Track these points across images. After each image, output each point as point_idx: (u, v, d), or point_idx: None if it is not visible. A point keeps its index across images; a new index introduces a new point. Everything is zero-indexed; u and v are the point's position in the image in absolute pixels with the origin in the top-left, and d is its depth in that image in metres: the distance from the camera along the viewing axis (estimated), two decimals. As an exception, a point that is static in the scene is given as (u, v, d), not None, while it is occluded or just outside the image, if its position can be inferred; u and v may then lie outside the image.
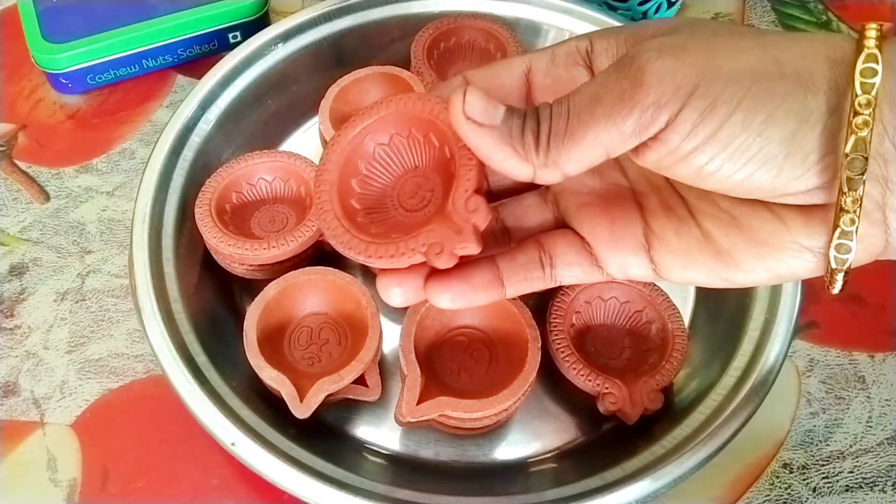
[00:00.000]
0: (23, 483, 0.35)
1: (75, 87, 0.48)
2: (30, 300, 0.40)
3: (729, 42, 0.21)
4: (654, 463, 0.31)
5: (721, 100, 0.20)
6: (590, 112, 0.20)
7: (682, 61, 0.20)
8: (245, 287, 0.40)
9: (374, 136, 0.25)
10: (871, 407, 0.38)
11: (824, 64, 0.20)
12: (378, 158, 0.26)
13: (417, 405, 0.31)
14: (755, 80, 0.20)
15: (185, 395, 0.32)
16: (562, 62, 0.25)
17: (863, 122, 0.19)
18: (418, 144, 0.25)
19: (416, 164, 0.26)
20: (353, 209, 0.25)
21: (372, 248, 0.23)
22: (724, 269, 0.23)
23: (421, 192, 0.25)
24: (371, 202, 0.26)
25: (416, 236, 0.23)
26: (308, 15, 0.45)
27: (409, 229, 0.24)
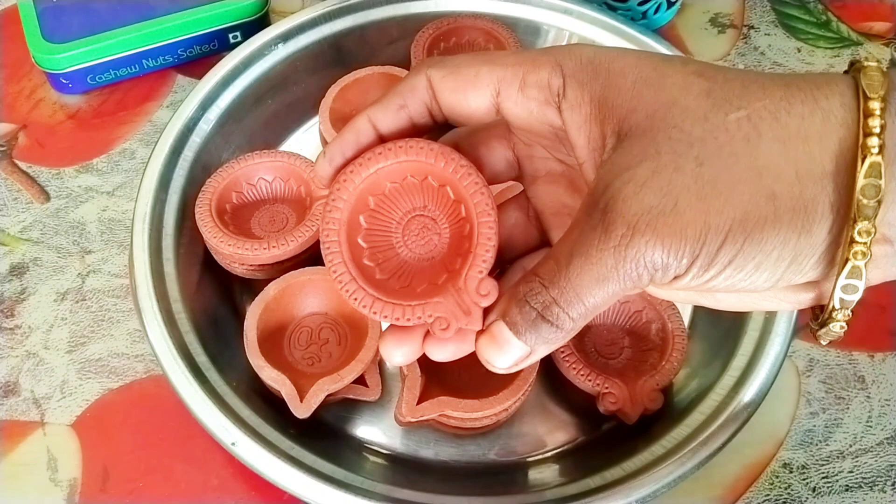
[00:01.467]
0: (23, 483, 0.35)
1: (75, 87, 0.48)
2: (30, 300, 0.40)
3: (719, 177, 0.20)
4: (654, 463, 0.31)
5: (716, 260, 0.20)
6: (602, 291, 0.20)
7: (677, 233, 0.19)
8: (245, 287, 0.40)
9: (388, 177, 0.25)
10: (870, 407, 0.38)
11: (826, 184, 0.19)
12: (388, 195, 0.26)
13: (417, 405, 0.31)
14: (748, 232, 0.19)
15: (185, 395, 0.32)
16: (533, 96, 0.23)
17: (861, 253, 0.19)
18: (432, 190, 0.25)
19: (425, 204, 0.26)
20: (360, 248, 0.25)
21: (378, 306, 0.24)
22: (704, 300, 0.24)
23: (428, 235, 0.25)
24: (376, 239, 0.26)
25: (424, 306, 0.23)
26: (308, 15, 0.45)
27: (414, 276, 0.24)
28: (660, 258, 0.19)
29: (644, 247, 0.19)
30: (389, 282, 0.24)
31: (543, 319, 0.21)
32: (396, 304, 0.24)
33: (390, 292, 0.24)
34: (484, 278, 0.23)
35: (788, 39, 0.54)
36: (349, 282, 0.24)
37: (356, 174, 0.25)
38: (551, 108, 0.23)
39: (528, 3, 0.47)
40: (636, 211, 0.19)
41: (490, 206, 0.24)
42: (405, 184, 0.25)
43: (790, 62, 0.52)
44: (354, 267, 0.24)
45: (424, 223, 0.26)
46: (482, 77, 0.24)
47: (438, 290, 0.23)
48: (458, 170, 0.24)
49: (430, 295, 0.24)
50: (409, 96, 0.25)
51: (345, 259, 0.24)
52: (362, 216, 0.25)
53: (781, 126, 0.20)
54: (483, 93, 0.24)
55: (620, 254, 0.20)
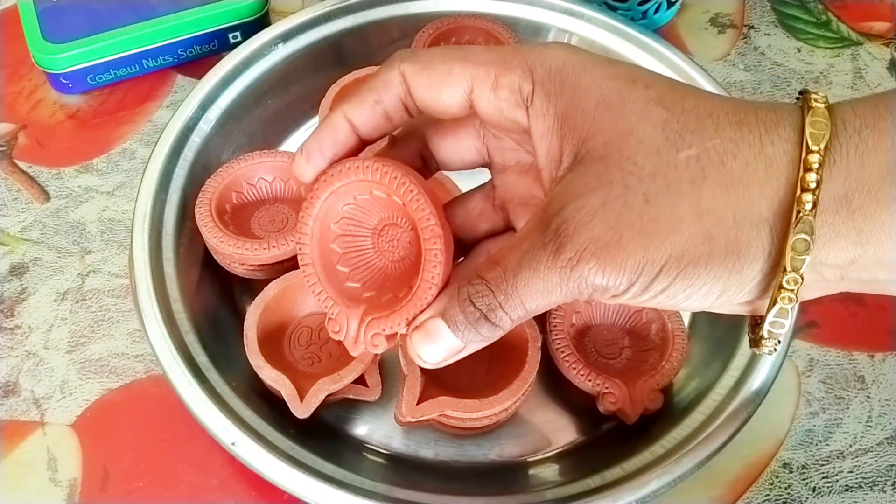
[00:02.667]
0: (23, 483, 0.35)
1: (75, 87, 0.48)
2: (30, 300, 0.40)
3: (663, 215, 0.21)
4: (654, 463, 0.31)
5: (652, 286, 0.22)
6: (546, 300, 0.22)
7: (618, 264, 0.21)
8: (245, 287, 0.40)
9: (338, 200, 0.26)
10: (870, 407, 0.38)
11: (761, 229, 0.21)
12: (349, 216, 0.27)
13: (417, 405, 0.31)
14: (681, 268, 0.21)
15: (185, 395, 0.32)
16: (504, 97, 0.24)
17: (788, 298, 0.21)
18: (381, 201, 0.26)
19: (384, 214, 0.27)
20: (341, 275, 0.27)
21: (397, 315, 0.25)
22: None
23: (399, 239, 0.27)
24: (355, 259, 0.27)
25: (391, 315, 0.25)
26: (308, 15, 0.45)
27: (400, 280, 0.26)
28: (601, 281, 0.21)
29: (588, 272, 0.21)
30: (378, 296, 0.26)
31: (486, 320, 0.23)
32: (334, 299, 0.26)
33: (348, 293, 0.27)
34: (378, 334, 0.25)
35: (788, 39, 0.54)
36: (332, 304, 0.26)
37: (306, 213, 0.26)
38: (521, 111, 0.24)
39: (528, 3, 0.47)
40: (584, 240, 0.21)
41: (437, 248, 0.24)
42: (358, 204, 0.27)
43: (790, 62, 0.52)
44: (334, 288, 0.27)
45: (392, 232, 0.27)
46: (455, 74, 0.24)
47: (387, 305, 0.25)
48: (392, 184, 0.25)
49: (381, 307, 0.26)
50: (384, 92, 0.25)
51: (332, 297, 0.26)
52: (334, 244, 0.27)
53: (727, 171, 0.21)
54: (457, 90, 0.24)
55: (566, 274, 0.21)
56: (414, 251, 0.26)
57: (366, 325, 0.25)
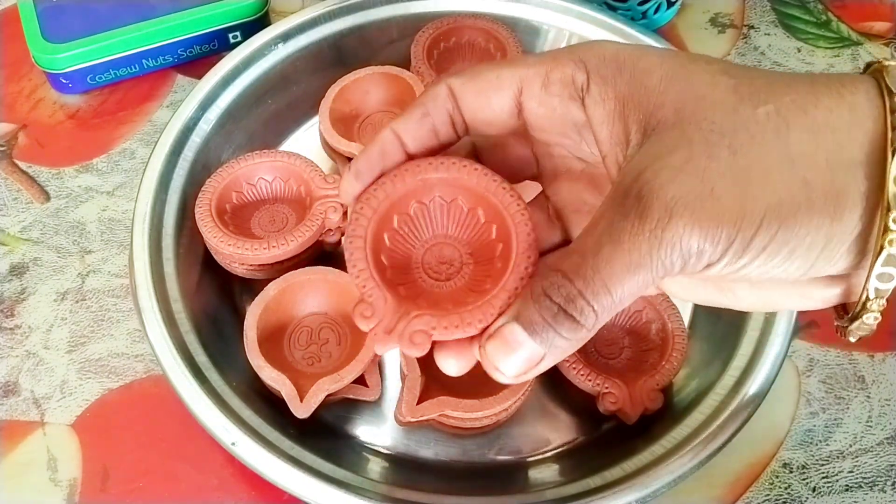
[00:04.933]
0: (23, 483, 0.35)
1: (75, 87, 0.48)
2: (30, 300, 0.40)
3: (753, 164, 0.20)
4: (654, 463, 0.31)
5: (751, 246, 0.20)
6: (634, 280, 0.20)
7: (714, 218, 0.19)
8: (245, 287, 0.40)
9: (416, 195, 0.24)
10: (870, 407, 0.38)
11: (856, 172, 0.20)
12: (413, 216, 0.25)
13: (417, 405, 0.31)
14: (783, 218, 0.19)
15: (185, 395, 0.32)
16: (556, 92, 0.23)
17: None
18: (459, 213, 0.25)
19: (447, 231, 0.25)
20: (383, 265, 0.24)
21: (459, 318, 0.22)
22: (723, 301, 0.24)
23: (448, 262, 0.25)
24: (398, 259, 0.25)
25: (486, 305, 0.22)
26: (308, 15, 0.45)
27: (438, 301, 0.24)
28: (696, 243, 0.19)
29: (682, 230, 0.19)
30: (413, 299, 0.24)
31: (566, 315, 0.20)
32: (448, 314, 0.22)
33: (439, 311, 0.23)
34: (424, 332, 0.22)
35: (788, 39, 0.54)
36: (362, 265, 0.23)
37: (384, 187, 0.24)
38: (575, 104, 0.23)
39: (528, 3, 0.47)
40: (674, 195, 0.19)
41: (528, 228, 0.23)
42: (432, 205, 0.25)
43: (790, 62, 0.52)
44: (372, 257, 0.23)
45: (444, 251, 0.25)
46: (504, 78, 0.24)
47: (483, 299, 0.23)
48: (491, 185, 0.24)
49: None
50: (431, 105, 0.24)
51: (365, 246, 0.24)
52: (387, 234, 0.24)
53: (810, 118, 0.20)
54: (506, 93, 0.24)
55: (656, 238, 0.19)
56: (466, 278, 0.24)
57: (412, 318, 0.22)
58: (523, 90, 0.24)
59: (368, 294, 0.23)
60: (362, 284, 0.23)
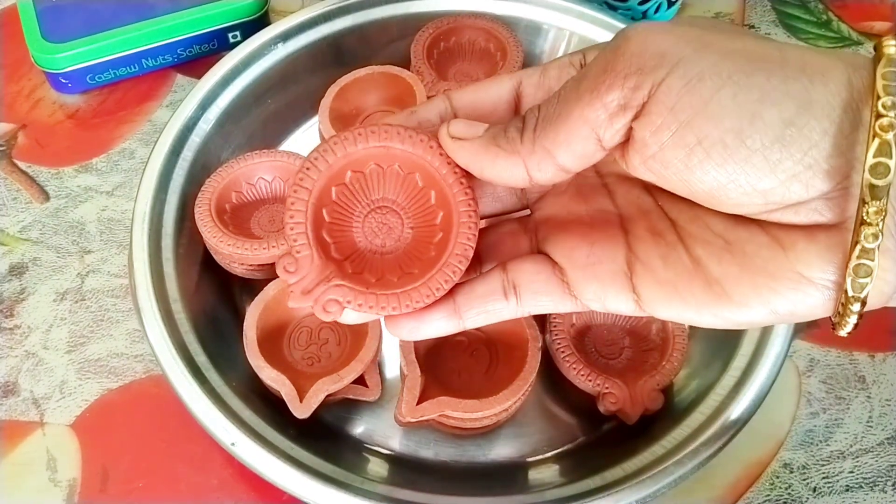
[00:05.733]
0: (23, 483, 0.35)
1: (75, 86, 0.48)
2: (29, 300, 0.40)
3: (727, 32, 0.19)
4: (654, 463, 0.31)
5: (710, 71, 0.18)
6: (575, 91, 0.20)
7: (669, 34, 0.18)
8: (245, 287, 0.39)
9: (353, 166, 0.24)
10: (871, 407, 0.38)
11: (838, 63, 0.18)
12: (350, 184, 0.24)
13: (417, 405, 0.31)
14: (751, 59, 0.18)
15: (185, 395, 0.32)
16: (554, 75, 0.24)
17: (888, 125, 0.17)
18: (397, 178, 0.24)
19: (385, 195, 0.25)
20: (327, 243, 0.24)
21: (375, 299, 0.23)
22: (714, 302, 0.21)
23: (388, 227, 0.25)
24: (340, 233, 0.24)
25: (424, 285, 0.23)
26: (308, 15, 0.45)
27: (383, 270, 0.24)
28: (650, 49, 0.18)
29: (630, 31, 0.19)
30: (358, 274, 0.24)
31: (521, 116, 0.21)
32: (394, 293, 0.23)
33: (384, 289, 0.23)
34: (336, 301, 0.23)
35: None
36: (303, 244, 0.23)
37: (321, 159, 0.24)
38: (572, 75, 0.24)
39: (528, 2, 0.47)
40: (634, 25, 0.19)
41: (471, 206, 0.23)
42: (370, 174, 0.24)
43: (790, 62, 0.52)
44: (314, 233, 0.23)
45: (384, 218, 0.25)
46: (502, 78, 0.25)
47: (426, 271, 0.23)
48: (427, 150, 0.23)
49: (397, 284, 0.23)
50: (423, 106, 0.25)
51: (307, 222, 0.23)
52: (325, 209, 0.24)
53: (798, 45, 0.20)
54: (504, 87, 0.24)
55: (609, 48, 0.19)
56: (404, 248, 0.24)
57: (331, 286, 0.23)
58: (522, 81, 0.25)
59: (297, 249, 0.23)
60: (294, 238, 0.23)
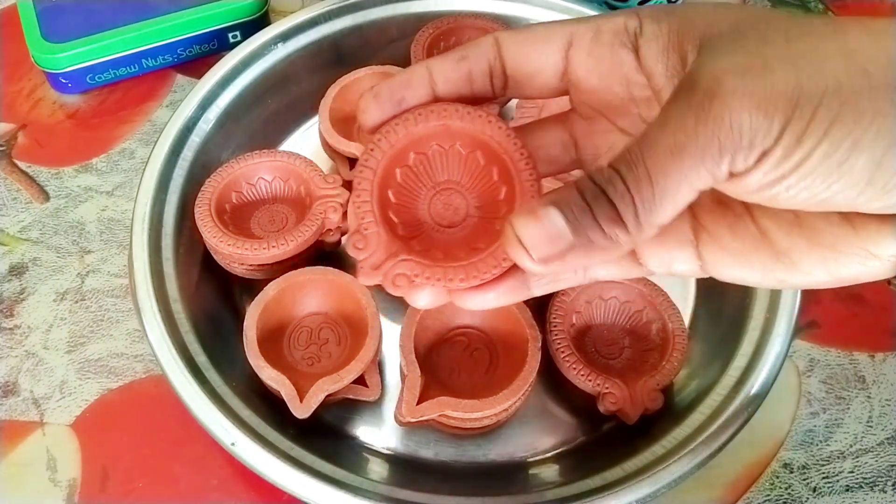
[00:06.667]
0: (22, 483, 0.35)
1: (75, 86, 0.48)
2: (29, 300, 0.40)
3: (809, 50, 0.18)
4: (654, 463, 0.31)
5: (809, 130, 0.18)
6: (677, 167, 0.18)
7: (767, 89, 0.18)
8: (245, 287, 0.39)
9: (415, 146, 0.24)
10: (871, 407, 0.38)
11: None
12: (414, 166, 0.25)
13: (417, 405, 0.31)
14: (843, 101, 0.18)
15: (185, 396, 0.32)
16: (607, 41, 0.23)
17: None
18: (459, 158, 0.25)
19: (450, 177, 0.25)
20: (388, 201, 0.24)
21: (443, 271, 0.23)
22: (780, 269, 0.21)
23: (455, 207, 0.25)
24: (405, 213, 0.25)
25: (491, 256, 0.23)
26: (308, 15, 0.45)
27: (450, 247, 0.24)
28: (748, 119, 0.18)
29: (731, 103, 0.18)
30: (427, 251, 0.24)
31: (605, 199, 0.19)
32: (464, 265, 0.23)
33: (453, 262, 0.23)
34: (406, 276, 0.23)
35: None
36: (371, 221, 0.23)
37: (383, 141, 0.24)
38: (625, 50, 0.23)
39: (528, 2, 0.47)
40: (723, 67, 0.18)
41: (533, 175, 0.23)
42: (432, 154, 0.25)
43: (790, 62, 0.52)
44: (380, 212, 0.24)
45: (450, 197, 0.25)
46: (554, 30, 0.23)
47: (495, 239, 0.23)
48: (487, 127, 0.23)
49: None
50: (472, 51, 0.24)
51: (373, 200, 0.24)
52: (391, 191, 0.24)
53: (866, 25, 0.19)
54: (555, 45, 0.23)
55: (703, 111, 0.18)
56: (471, 226, 0.25)
57: (399, 260, 0.23)
58: (573, 42, 0.23)
59: (365, 227, 0.23)
60: (362, 216, 0.23)
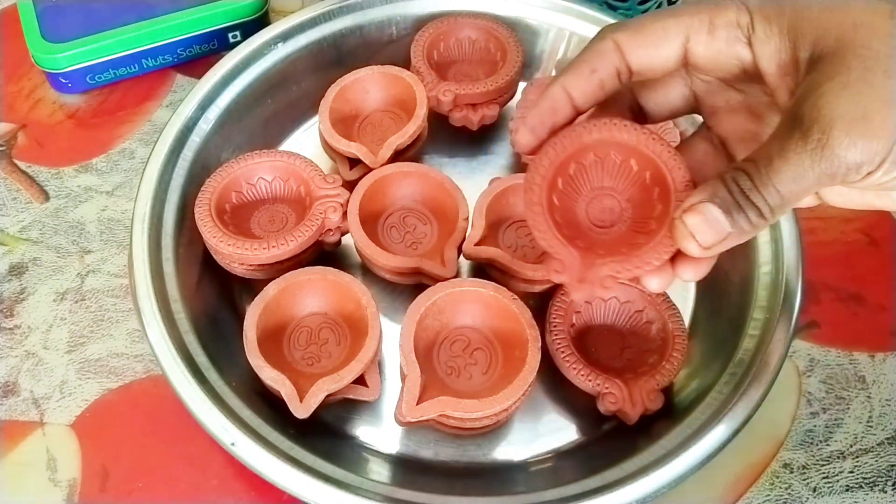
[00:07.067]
0: (23, 483, 0.35)
1: (75, 86, 0.48)
2: (29, 300, 0.40)
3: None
4: (654, 463, 0.31)
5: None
6: (799, 190, 0.23)
7: (869, 136, 0.22)
8: (245, 287, 0.39)
9: (574, 157, 0.28)
10: (871, 407, 0.38)
11: None
12: (573, 175, 0.28)
13: (417, 405, 0.31)
14: None
15: (185, 396, 0.32)
16: (722, 36, 0.25)
17: None
18: (613, 167, 0.28)
19: (603, 184, 0.28)
20: (558, 223, 0.27)
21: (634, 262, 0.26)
22: (878, 202, 0.26)
23: (609, 210, 0.28)
24: (567, 216, 0.28)
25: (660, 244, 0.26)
26: (308, 14, 0.45)
27: (610, 246, 0.27)
28: (854, 156, 0.22)
29: (839, 148, 0.22)
30: (591, 248, 0.27)
31: (747, 199, 0.23)
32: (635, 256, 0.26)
33: None
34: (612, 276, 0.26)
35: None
36: (546, 230, 0.27)
37: (545, 156, 0.28)
38: (740, 44, 0.25)
39: (528, 2, 0.47)
40: (830, 119, 0.22)
41: None
42: (589, 164, 0.28)
43: (790, 62, 0.52)
44: (550, 219, 0.27)
45: (604, 201, 0.28)
46: (670, 29, 0.26)
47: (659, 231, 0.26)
48: (642, 138, 0.27)
49: None
50: (598, 61, 0.26)
51: (544, 212, 0.27)
52: (555, 195, 0.28)
53: None
54: (673, 43, 0.26)
55: (817, 155, 0.22)
56: (627, 226, 0.28)
57: (597, 266, 0.26)
58: (690, 38, 0.25)
59: (556, 252, 0.27)
60: (549, 245, 0.27)
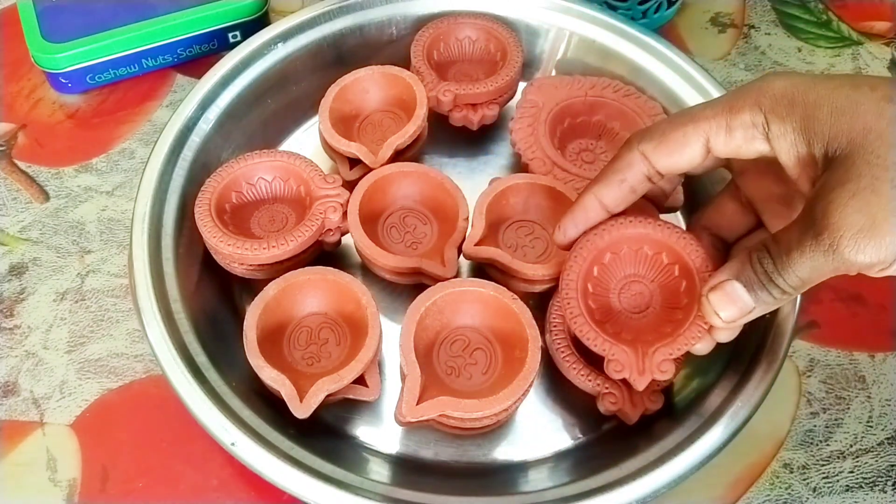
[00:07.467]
0: (23, 483, 0.35)
1: (75, 86, 0.48)
2: (29, 300, 0.40)
3: None
4: (654, 463, 0.31)
5: None
6: (817, 278, 0.26)
7: (878, 243, 0.24)
8: (245, 287, 0.39)
9: (611, 247, 0.31)
10: (871, 407, 0.38)
11: None
12: (607, 265, 0.32)
13: (417, 405, 0.31)
14: None
15: (185, 396, 0.32)
16: (739, 136, 0.27)
17: None
18: (645, 259, 0.32)
19: (635, 272, 0.33)
20: (591, 309, 0.32)
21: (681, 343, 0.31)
22: None
23: (640, 294, 0.33)
24: (600, 302, 0.32)
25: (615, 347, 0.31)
26: (308, 14, 0.45)
27: (640, 331, 0.32)
28: (864, 260, 0.24)
29: (848, 254, 0.24)
30: (604, 325, 0.32)
31: (770, 280, 0.27)
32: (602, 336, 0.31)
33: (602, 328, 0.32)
34: (668, 360, 0.30)
35: (789, 39, 0.54)
36: (578, 315, 0.32)
37: (585, 249, 0.32)
38: (758, 141, 0.27)
39: (528, 2, 0.47)
40: (839, 228, 0.24)
41: None
42: (623, 255, 0.32)
43: (790, 62, 0.52)
44: (584, 307, 0.32)
45: (636, 289, 0.33)
46: (690, 136, 0.28)
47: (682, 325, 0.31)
48: (676, 237, 0.32)
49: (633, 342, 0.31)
50: (628, 172, 0.30)
51: (578, 298, 0.32)
52: (590, 283, 0.32)
53: None
54: (694, 147, 0.29)
55: (829, 256, 0.25)
56: (653, 314, 0.32)
57: (651, 354, 0.30)
58: (710, 139, 0.28)
59: (611, 354, 0.31)
60: (602, 349, 0.31)
